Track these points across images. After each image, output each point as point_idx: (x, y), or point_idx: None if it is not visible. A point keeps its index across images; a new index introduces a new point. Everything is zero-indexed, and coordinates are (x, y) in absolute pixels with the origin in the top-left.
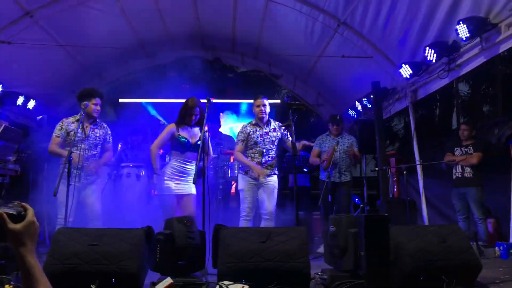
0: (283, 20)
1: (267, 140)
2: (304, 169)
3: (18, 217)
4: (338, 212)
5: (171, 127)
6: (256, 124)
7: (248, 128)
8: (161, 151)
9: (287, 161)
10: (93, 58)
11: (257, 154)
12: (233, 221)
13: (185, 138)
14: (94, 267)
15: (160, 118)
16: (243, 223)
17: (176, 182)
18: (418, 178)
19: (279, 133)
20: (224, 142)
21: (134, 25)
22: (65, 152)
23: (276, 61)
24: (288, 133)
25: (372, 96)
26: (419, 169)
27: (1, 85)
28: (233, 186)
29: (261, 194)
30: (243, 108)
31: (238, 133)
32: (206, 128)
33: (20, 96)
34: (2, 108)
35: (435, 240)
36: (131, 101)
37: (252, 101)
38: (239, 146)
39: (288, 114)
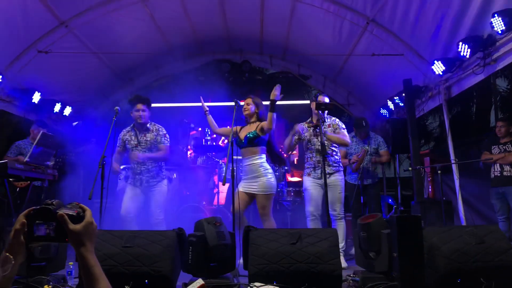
0: (311, 20)
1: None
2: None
3: (78, 218)
4: (370, 213)
5: (237, 127)
6: (310, 122)
7: (303, 125)
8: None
9: None
10: (124, 64)
11: (314, 152)
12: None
13: (238, 136)
14: (128, 268)
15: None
16: (310, 223)
17: (244, 181)
18: (454, 177)
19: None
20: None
21: (163, 30)
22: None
23: (305, 61)
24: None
25: (404, 94)
26: (454, 168)
27: (39, 93)
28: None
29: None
30: None
31: (293, 127)
32: (234, 129)
33: (57, 103)
34: (40, 115)
35: (471, 241)
36: (162, 105)
37: (282, 102)
38: (289, 137)
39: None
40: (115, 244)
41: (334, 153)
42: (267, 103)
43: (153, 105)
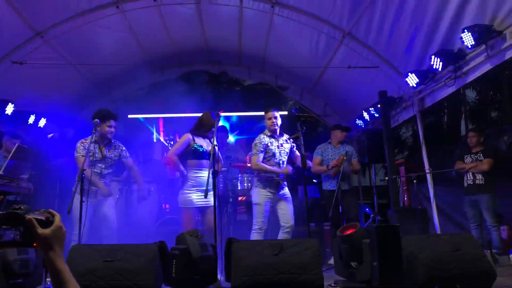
0: (288, 33)
1: (282, 151)
2: (314, 180)
3: (46, 222)
4: (348, 222)
5: (187, 136)
6: (271, 136)
7: (266, 139)
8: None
9: (296, 173)
10: (102, 75)
11: (275, 166)
12: (242, 234)
13: (202, 147)
14: (110, 283)
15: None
16: (255, 236)
17: (197, 194)
18: (428, 186)
19: (289, 145)
20: (232, 153)
21: (142, 42)
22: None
23: (282, 73)
24: (296, 145)
25: (379, 105)
26: (429, 177)
27: (13, 104)
28: (242, 199)
29: (281, 207)
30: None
31: (255, 143)
32: (215, 142)
33: (31, 115)
34: (14, 127)
35: (448, 249)
36: (140, 116)
37: (259, 113)
38: (258, 157)
39: (295, 126)
40: (96, 259)
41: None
42: (245, 114)
43: (130, 116)
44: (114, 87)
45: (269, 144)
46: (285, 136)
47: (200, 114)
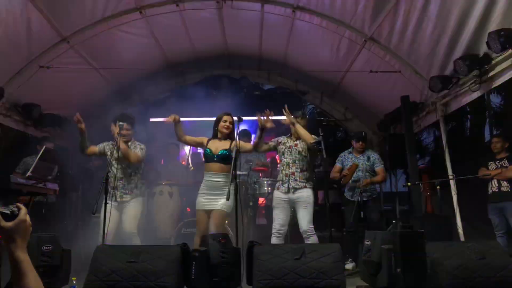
0: (309, 37)
1: (294, 151)
2: (334, 185)
3: (11, 216)
4: (369, 229)
5: (203, 138)
6: (290, 136)
7: (281, 138)
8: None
9: (317, 177)
10: (124, 80)
11: (284, 166)
12: (262, 238)
13: (209, 149)
14: (133, 284)
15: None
16: (274, 239)
17: (206, 197)
18: (451, 192)
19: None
20: (254, 158)
21: (164, 47)
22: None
23: (302, 77)
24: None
25: (401, 110)
26: (452, 183)
27: (40, 108)
28: (262, 202)
29: (298, 211)
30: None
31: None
32: (237, 144)
33: (57, 118)
34: (41, 130)
35: (473, 256)
36: (161, 120)
37: (279, 117)
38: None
39: (316, 130)
40: (120, 259)
41: (305, 167)
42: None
43: (152, 120)
44: (136, 91)
45: (282, 142)
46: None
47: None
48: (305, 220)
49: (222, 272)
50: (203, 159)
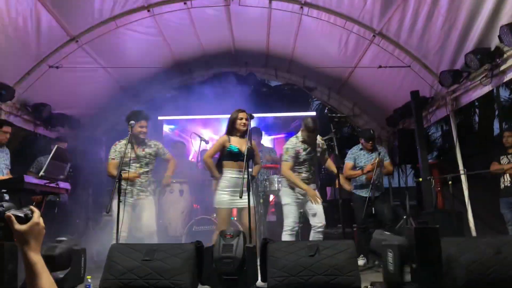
0: (317, 33)
1: (314, 157)
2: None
3: (25, 219)
4: (381, 225)
5: (222, 138)
6: (304, 141)
7: (298, 145)
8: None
9: (326, 174)
10: (132, 78)
11: (304, 170)
12: (272, 235)
13: (236, 147)
14: (148, 282)
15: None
16: (287, 237)
17: (232, 194)
18: (462, 188)
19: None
20: (264, 155)
21: (171, 44)
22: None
23: (310, 73)
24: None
25: (411, 105)
26: (463, 178)
27: (50, 107)
28: (272, 200)
29: (311, 206)
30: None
31: (288, 148)
32: (249, 144)
33: (66, 117)
34: (51, 129)
35: (488, 251)
36: (169, 118)
37: (286, 114)
38: (289, 164)
39: (327, 127)
40: (135, 258)
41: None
42: (272, 115)
43: (160, 118)
44: (144, 90)
45: (301, 151)
46: (319, 141)
47: (228, 116)
48: (322, 214)
49: (224, 269)
50: (225, 157)
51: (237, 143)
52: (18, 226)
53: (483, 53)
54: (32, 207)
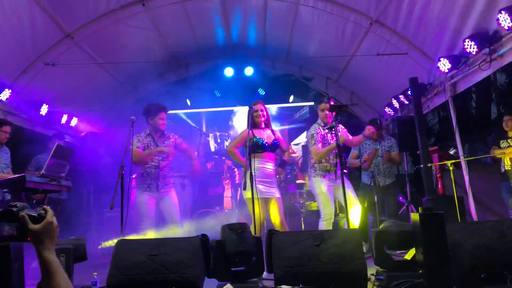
0: (314, 23)
1: (332, 142)
2: (344, 170)
3: (38, 218)
4: (386, 216)
5: (245, 131)
6: (323, 127)
7: (320, 130)
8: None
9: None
10: (129, 73)
11: (332, 155)
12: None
13: (262, 139)
14: (156, 276)
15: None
16: (325, 225)
17: (263, 185)
18: (462, 173)
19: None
20: None
21: (167, 39)
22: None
23: (307, 64)
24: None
25: (410, 92)
26: (463, 164)
27: (47, 105)
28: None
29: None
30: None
31: (313, 134)
32: (251, 133)
33: (64, 115)
34: (49, 127)
35: (493, 236)
36: (169, 112)
37: (283, 105)
38: (318, 146)
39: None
40: (141, 253)
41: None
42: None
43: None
44: (140, 84)
45: (325, 135)
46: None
47: (225, 109)
48: (354, 197)
49: (239, 261)
50: (252, 149)
51: (261, 136)
52: (32, 226)
53: (481, 38)
54: (45, 206)
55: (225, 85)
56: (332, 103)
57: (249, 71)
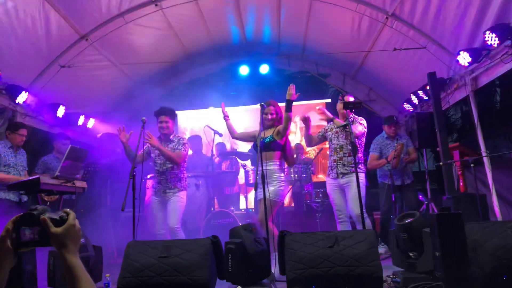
0: (328, 18)
1: (341, 136)
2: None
3: (60, 221)
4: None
5: (256, 131)
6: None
7: (328, 125)
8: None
9: None
10: (143, 73)
11: (333, 151)
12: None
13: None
14: (166, 279)
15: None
16: (340, 226)
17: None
18: (485, 170)
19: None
20: None
21: (181, 38)
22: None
23: (323, 60)
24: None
25: (428, 87)
26: (486, 161)
27: (64, 107)
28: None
29: (346, 195)
30: None
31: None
32: (261, 132)
33: (80, 116)
34: (65, 129)
35: None
36: (184, 112)
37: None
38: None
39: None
40: (151, 255)
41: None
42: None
43: (175, 111)
44: (156, 84)
45: (328, 129)
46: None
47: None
48: (349, 204)
49: (257, 262)
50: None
51: (265, 136)
52: (54, 229)
53: (503, 30)
54: (66, 209)
55: (241, 83)
56: (351, 98)
57: (264, 69)
